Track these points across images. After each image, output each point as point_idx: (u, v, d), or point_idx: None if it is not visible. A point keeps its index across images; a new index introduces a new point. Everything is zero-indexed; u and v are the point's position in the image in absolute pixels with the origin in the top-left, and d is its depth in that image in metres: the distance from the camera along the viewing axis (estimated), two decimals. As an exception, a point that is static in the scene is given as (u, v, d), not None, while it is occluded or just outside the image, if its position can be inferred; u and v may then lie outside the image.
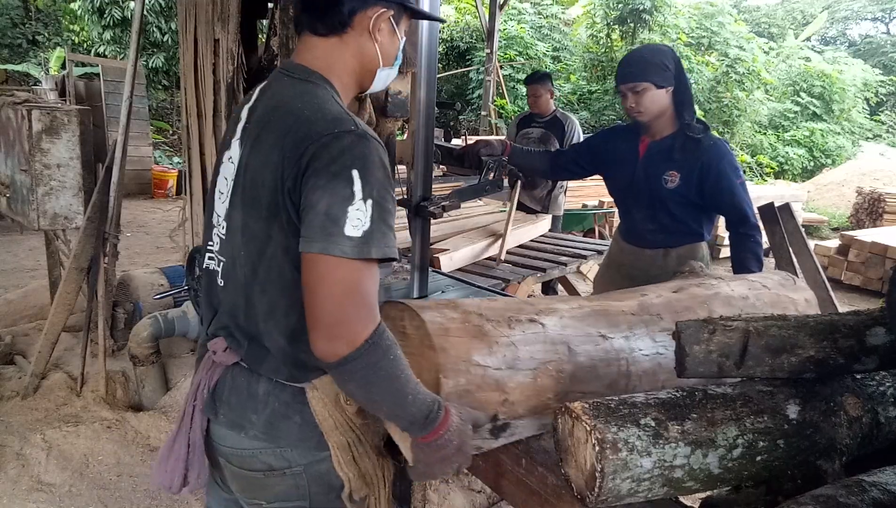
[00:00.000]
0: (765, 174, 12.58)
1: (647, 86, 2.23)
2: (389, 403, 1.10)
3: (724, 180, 2.23)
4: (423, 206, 2.44)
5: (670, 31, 13.90)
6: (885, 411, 1.22)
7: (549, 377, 1.36)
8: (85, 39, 14.94)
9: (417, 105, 2.34)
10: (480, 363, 1.27)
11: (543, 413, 1.36)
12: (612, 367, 1.45)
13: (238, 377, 1.24)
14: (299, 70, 1.22)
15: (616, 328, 1.50)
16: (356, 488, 1.26)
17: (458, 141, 10.99)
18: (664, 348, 1.53)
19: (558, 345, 1.39)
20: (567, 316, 1.47)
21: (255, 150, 1.17)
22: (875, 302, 5.88)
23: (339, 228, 1.03)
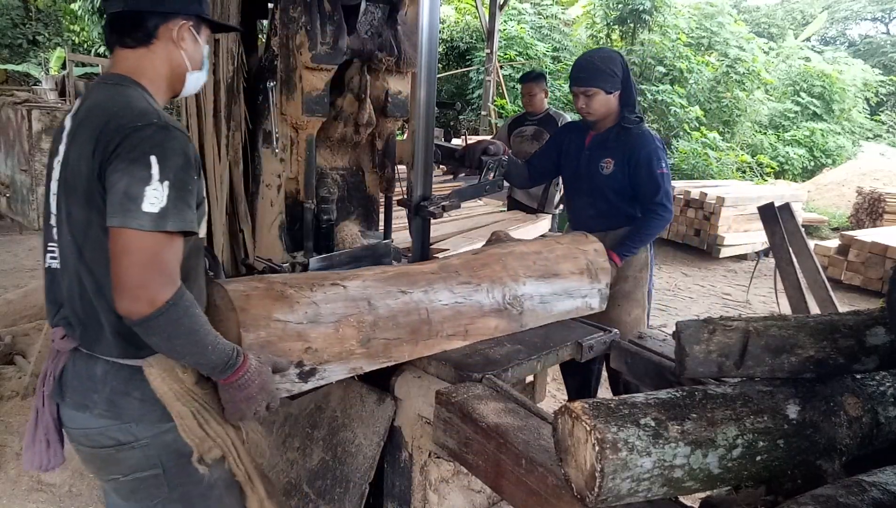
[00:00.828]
0: (765, 174, 12.57)
1: (596, 91, 2.49)
2: (191, 353, 1.28)
3: (644, 166, 2.48)
4: (423, 206, 2.44)
5: (670, 31, 13.88)
6: (885, 411, 1.22)
7: (351, 328, 1.64)
8: (85, 39, 14.94)
9: (417, 105, 2.34)
10: (281, 319, 1.53)
11: (350, 359, 1.66)
12: (412, 316, 1.77)
13: (78, 362, 1.37)
14: (113, 77, 1.38)
15: (415, 284, 1.82)
16: (205, 451, 1.40)
17: (458, 141, 10.98)
18: (463, 297, 1.90)
19: (359, 301, 1.68)
20: (370, 279, 1.76)
21: (72, 146, 1.32)
22: (875, 302, 5.88)
23: (136, 205, 1.19)
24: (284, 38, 2.29)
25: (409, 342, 1.79)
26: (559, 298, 2.16)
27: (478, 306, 1.94)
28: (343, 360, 1.64)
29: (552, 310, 2.15)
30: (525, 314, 2.06)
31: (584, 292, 2.23)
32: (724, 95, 13.87)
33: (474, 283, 1.95)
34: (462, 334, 1.93)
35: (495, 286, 1.99)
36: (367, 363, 1.72)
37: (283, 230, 2.55)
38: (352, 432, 2.13)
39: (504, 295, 2.01)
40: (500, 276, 2.02)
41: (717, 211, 7.22)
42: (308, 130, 2.37)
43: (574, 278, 2.20)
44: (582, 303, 2.23)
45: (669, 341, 2.10)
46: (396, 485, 2.06)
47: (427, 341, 1.83)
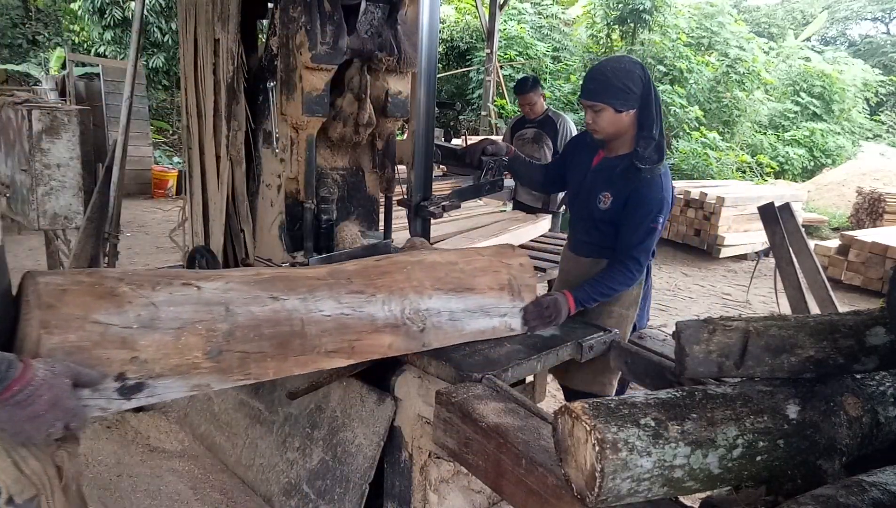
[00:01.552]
0: (765, 174, 12.57)
1: (604, 107, 2.14)
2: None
3: (637, 211, 2.17)
4: (423, 206, 2.44)
5: (670, 31, 13.89)
6: (885, 411, 1.22)
7: (197, 336, 1.39)
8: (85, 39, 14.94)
9: (417, 105, 2.34)
10: (101, 321, 1.29)
11: (192, 373, 1.39)
12: (282, 326, 1.53)
13: None
14: None
15: (293, 290, 1.58)
16: (16, 492, 1.23)
17: (458, 141, 10.98)
18: (351, 308, 1.65)
19: (214, 306, 1.43)
20: (237, 282, 1.53)
21: None
22: (875, 302, 5.88)
23: None
24: (284, 38, 2.29)
25: (275, 358, 1.54)
26: (473, 315, 1.91)
27: (369, 319, 1.70)
28: (183, 374, 1.39)
29: (463, 329, 1.91)
30: (428, 332, 1.82)
31: (503, 311, 1.99)
32: (724, 95, 13.88)
33: (368, 293, 1.72)
34: (347, 350, 1.68)
35: (393, 298, 1.75)
36: (216, 379, 1.46)
37: (283, 230, 2.55)
38: (352, 432, 2.13)
39: (403, 309, 1.77)
40: (402, 287, 1.79)
41: (717, 211, 7.23)
42: (308, 130, 2.37)
43: (492, 295, 1.96)
44: (500, 323, 1.99)
45: (669, 341, 2.10)
46: (396, 485, 2.06)
47: (300, 356, 1.59)
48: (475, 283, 1.94)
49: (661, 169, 2.18)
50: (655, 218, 2.17)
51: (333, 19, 2.26)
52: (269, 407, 2.47)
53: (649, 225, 2.17)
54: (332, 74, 2.35)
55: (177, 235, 3.69)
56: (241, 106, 2.56)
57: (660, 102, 2.21)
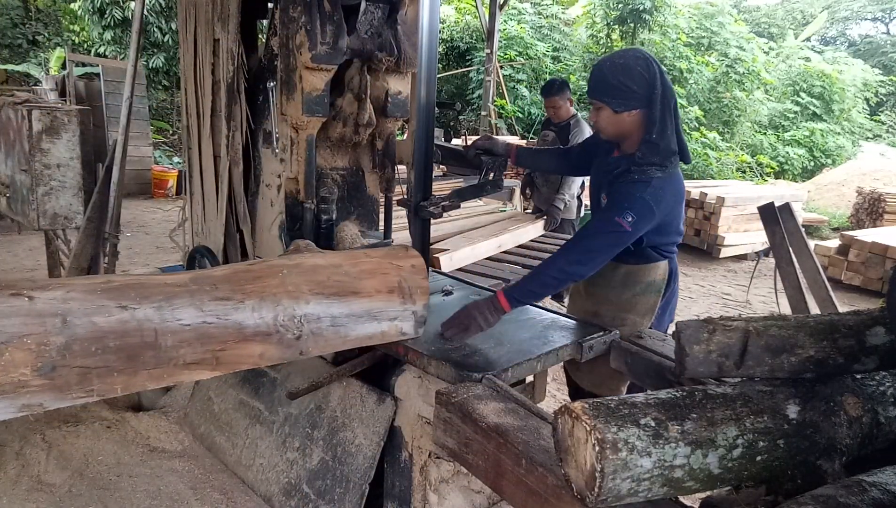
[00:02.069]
0: (765, 174, 12.57)
1: (602, 106, 2.00)
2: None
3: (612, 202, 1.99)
4: (422, 206, 2.44)
5: (670, 31, 13.89)
6: (885, 411, 1.22)
7: (26, 351, 1.30)
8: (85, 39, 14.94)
9: (417, 105, 2.34)
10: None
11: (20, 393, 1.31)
12: (130, 338, 1.43)
13: None
14: None
15: (146, 299, 1.47)
16: None
17: (457, 141, 10.98)
18: (215, 316, 1.55)
19: (48, 317, 1.34)
20: (79, 290, 1.42)
21: None
22: (875, 302, 5.88)
23: None
24: (284, 38, 2.29)
25: (122, 372, 1.44)
26: (358, 320, 1.82)
27: (236, 327, 1.60)
28: (8, 395, 1.28)
29: (348, 334, 1.82)
30: (305, 339, 1.72)
31: (392, 315, 1.89)
32: (724, 95, 13.88)
33: (236, 299, 1.61)
34: (211, 361, 1.58)
35: (265, 304, 1.65)
36: (51, 397, 1.35)
37: (283, 230, 2.55)
38: (352, 432, 2.13)
39: (276, 315, 1.66)
40: (275, 292, 1.68)
41: (717, 211, 7.23)
42: (308, 130, 2.37)
43: (380, 298, 1.86)
44: (390, 326, 1.89)
45: (669, 341, 2.10)
46: (396, 485, 2.06)
47: (153, 370, 1.48)
48: (361, 286, 1.84)
49: (659, 174, 1.95)
50: (623, 214, 1.90)
51: (333, 19, 2.26)
52: (269, 407, 2.48)
53: (613, 218, 1.91)
54: (332, 74, 2.35)
55: (177, 235, 3.69)
56: (240, 106, 2.56)
57: (671, 102, 1.99)
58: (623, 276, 2.20)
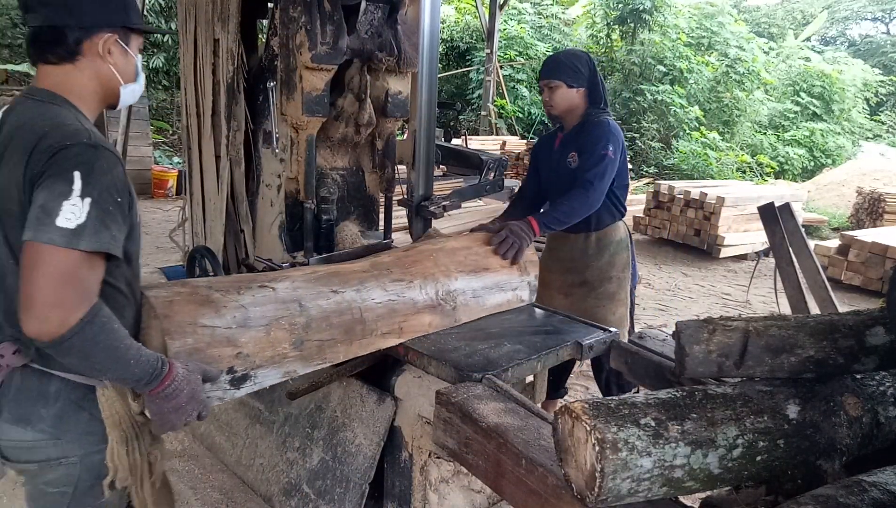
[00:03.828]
0: (765, 174, 12.57)
1: (558, 84, 2.52)
2: (112, 369, 1.23)
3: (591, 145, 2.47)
4: (423, 206, 2.44)
5: (670, 31, 13.89)
6: (885, 411, 1.22)
7: (283, 330, 1.60)
8: (85, 39, 14.90)
9: (418, 105, 2.34)
10: (208, 325, 1.47)
11: (283, 362, 1.61)
12: (345, 316, 1.76)
13: (28, 378, 1.31)
14: (42, 93, 1.30)
15: (347, 284, 1.80)
16: (121, 478, 1.38)
17: (457, 141, 10.98)
18: (396, 295, 1.89)
19: (289, 303, 1.64)
20: (300, 280, 1.74)
21: (2, 168, 1.25)
22: (875, 302, 5.88)
23: (51, 219, 1.13)
24: (284, 38, 2.29)
25: (343, 343, 1.77)
26: (490, 291, 2.18)
27: (411, 303, 1.94)
28: (276, 364, 1.61)
29: (485, 303, 2.16)
30: (458, 310, 2.08)
31: (514, 285, 2.25)
32: (724, 95, 13.88)
33: (407, 280, 1.95)
34: (397, 331, 1.91)
35: (428, 283, 2.00)
36: (301, 365, 1.69)
37: (283, 230, 2.55)
38: (352, 432, 2.13)
39: (437, 291, 2.01)
40: (432, 272, 2.03)
41: (717, 211, 7.22)
42: (308, 130, 2.37)
43: (504, 272, 2.23)
44: (513, 296, 2.25)
45: (669, 341, 2.10)
46: (396, 485, 2.06)
47: (362, 340, 1.82)
48: (489, 263, 2.20)
49: (607, 116, 2.56)
50: (606, 146, 2.44)
51: (333, 19, 2.26)
52: (269, 407, 2.47)
53: (601, 152, 2.43)
54: (332, 74, 2.35)
55: (177, 235, 3.69)
56: (240, 106, 2.56)
57: (604, 84, 2.62)
58: (596, 243, 2.65)
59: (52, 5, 1.27)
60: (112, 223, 1.20)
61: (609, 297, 2.69)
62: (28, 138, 1.21)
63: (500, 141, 10.99)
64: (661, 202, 7.72)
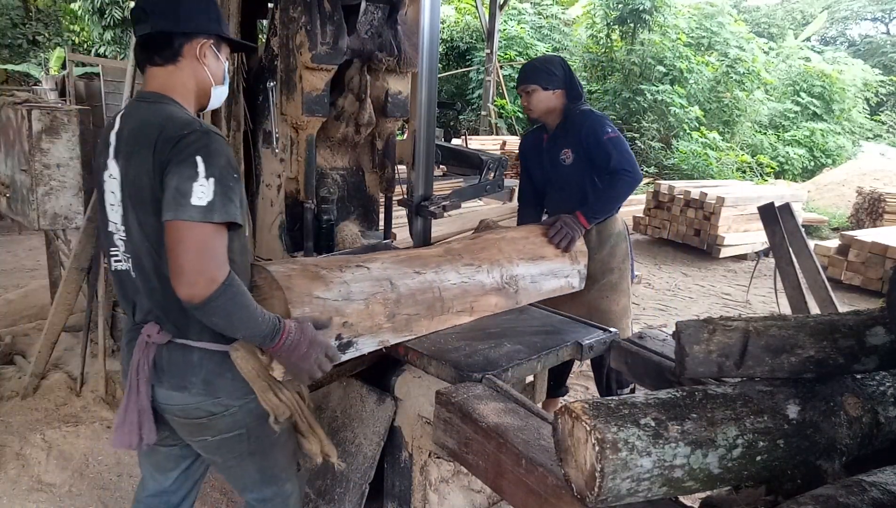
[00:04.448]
0: (765, 174, 12.57)
1: (535, 88, 2.64)
2: (245, 327, 1.43)
3: (591, 137, 2.55)
4: (423, 206, 2.44)
5: (670, 31, 13.88)
6: (885, 411, 1.22)
7: (379, 304, 1.83)
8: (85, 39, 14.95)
9: (418, 105, 2.34)
10: (320, 296, 1.69)
11: (379, 332, 1.84)
12: (427, 293, 1.97)
13: (174, 352, 1.52)
14: (150, 96, 1.54)
15: (427, 266, 2.02)
16: (280, 413, 1.60)
17: (457, 141, 10.98)
18: (467, 277, 2.11)
19: (382, 281, 1.87)
20: (388, 262, 1.96)
21: (131, 164, 1.46)
22: (875, 302, 5.88)
23: (186, 199, 1.34)
24: (284, 38, 2.29)
25: (425, 318, 1.98)
26: (546, 277, 2.37)
27: (480, 285, 2.14)
28: (373, 333, 1.82)
29: (541, 288, 2.36)
30: (520, 293, 2.27)
31: (566, 273, 2.45)
32: (724, 95, 13.88)
33: (476, 265, 2.16)
34: (469, 310, 2.12)
35: (494, 268, 2.20)
36: (392, 336, 1.89)
37: (283, 230, 2.55)
38: (352, 432, 2.13)
39: (502, 275, 2.22)
40: (497, 258, 2.23)
41: (717, 211, 7.22)
42: (308, 130, 2.37)
43: (557, 261, 2.43)
44: (565, 282, 2.45)
45: (669, 341, 2.10)
46: (396, 485, 2.06)
47: (440, 316, 2.02)
48: (544, 252, 2.40)
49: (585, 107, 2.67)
50: (604, 130, 2.54)
51: (333, 19, 2.26)
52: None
53: (604, 138, 2.53)
54: (332, 74, 2.35)
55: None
56: (240, 106, 2.55)
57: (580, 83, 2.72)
58: (596, 235, 2.70)
59: (161, 15, 1.50)
60: (234, 197, 1.41)
61: (612, 288, 2.73)
62: (150, 133, 1.42)
63: (500, 141, 11.00)
64: (661, 202, 7.72)
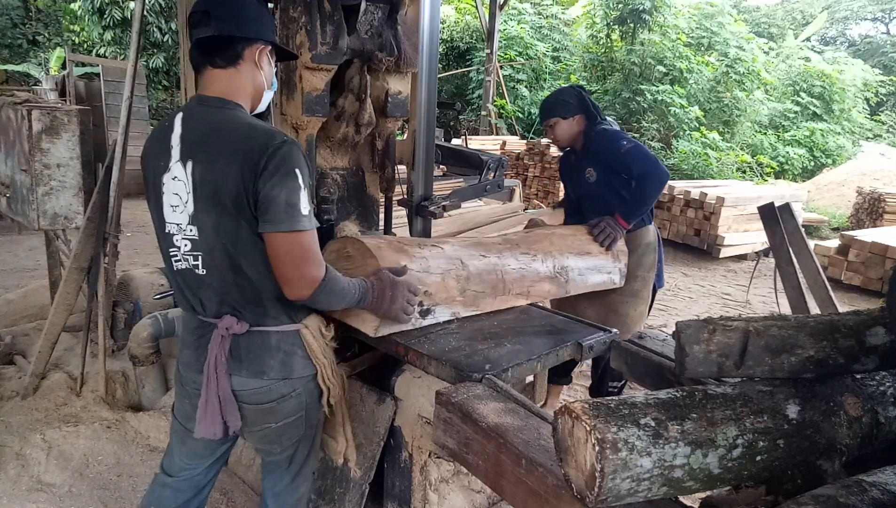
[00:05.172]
0: (765, 174, 12.57)
1: (555, 120, 2.85)
2: (343, 301, 1.67)
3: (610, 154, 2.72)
4: (423, 206, 2.44)
5: (670, 31, 13.89)
6: (885, 411, 1.22)
7: (452, 279, 2.05)
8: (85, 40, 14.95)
9: (418, 105, 2.34)
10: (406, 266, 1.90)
11: (452, 304, 2.06)
12: (491, 275, 2.18)
13: (253, 339, 1.63)
14: (213, 100, 1.59)
15: (490, 251, 2.24)
16: (334, 394, 1.77)
17: (457, 141, 10.98)
18: (524, 265, 2.32)
19: (454, 259, 2.09)
20: (457, 245, 2.19)
21: (208, 167, 1.52)
22: (875, 302, 5.88)
23: (297, 211, 1.49)
24: (284, 38, 2.29)
25: (490, 296, 2.18)
26: (591, 272, 2.59)
27: (536, 272, 2.35)
28: (447, 305, 2.03)
29: (587, 281, 2.57)
30: (569, 283, 2.48)
31: (608, 269, 2.67)
32: (724, 95, 13.87)
33: (531, 254, 2.37)
34: (525, 293, 2.32)
35: (548, 258, 2.42)
36: (463, 309, 2.10)
37: (283, 230, 2.54)
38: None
39: (554, 265, 2.43)
40: (550, 250, 2.46)
41: (717, 211, 7.22)
42: (308, 130, 2.37)
43: (602, 257, 2.64)
44: (607, 278, 2.66)
45: (669, 341, 2.10)
46: (396, 485, 2.06)
47: (502, 296, 2.23)
48: (590, 248, 2.61)
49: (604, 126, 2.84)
50: (619, 143, 2.71)
51: (333, 19, 2.26)
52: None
53: (627, 147, 2.68)
54: (332, 74, 2.35)
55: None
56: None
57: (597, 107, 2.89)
58: (627, 244, 2.79)
59: (227, 19, 1.57)
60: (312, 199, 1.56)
61: (633, 294, 2.87)
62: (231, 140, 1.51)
63: (500, 141, 11.00)
64: (661, 202, 7.73)
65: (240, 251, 1.54)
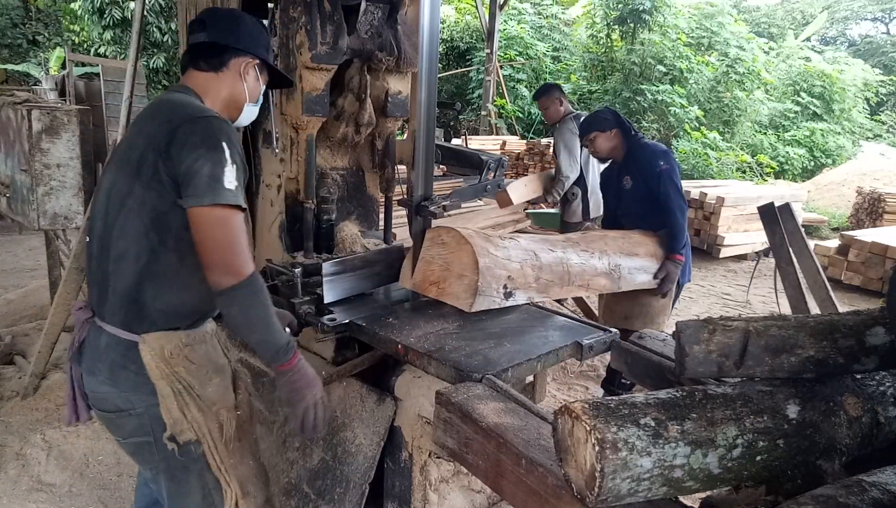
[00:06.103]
0: (765, 174, 12.56)
1: (595, 134, 3.16)
2: (262, 328, 1.44)
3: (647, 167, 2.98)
4: (423, 206, 2.44)
5: (670, 31, 13.88)
6: (885, 411, 1.22)
7: (529, 267, 2.26)
8: (85, 39, 14.94)
9: (418, 105, 2.33)
10: (493, 253, 2.13)
11: (528, 290, 2.25)
12: (559, 267, 2.41)
13: (91, 332, 1.52)
14: (181, 88, 1.61)
15: (556, 247, 2.49)
16: (178, 431, 1.49)
17: (457, 141, 10.98)
18: (584, 260, 2.56)
19: (528, 251, 2.31)
20: (528, 240, 2.42)
21: (133, 130, 1.53)
22: (875, 302, 5.87)
23: (220, 184, 1.38)
24: (284, 38, 2.29)
25: (557, 286, 2.40)
26: (639, 271, 2.83)
27: (594, 268, 2.59)
28: (525, 290, 2.22)
29: (634, 280, 2.81)
30: (622, 279, 2.72)
31: (652, 271, 2.92)
32: (724, 95, 13.86)
33: (590, 251, 2.61)
34: (585, 286, 2.57)
35: (603, 256, 2.67)
36: (536, 295, 2.30)
37: (283, 230, 2.55)
38: (352, 432, 2.13)
39: (609, 263, 2.67)
40: (605, 249, 2.70)
41: (717, 211, 7.22)
42: (308, 130, 2.37)
43: (647, 259, 2.90)
44: (650, 278, 2.91)
45: (669, 341, 2.10)
46: (396, 485, 2.06)
47: (567, 287, 2.47)
48: (637, 250, 2.87)
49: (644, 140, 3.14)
50: (659, 162, 2.94)
51: (333, 19, 2.26)
52: (269, 407, 2.47)
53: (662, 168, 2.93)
54: (332, 73, 2.35)
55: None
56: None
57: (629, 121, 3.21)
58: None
59: (220, 30, 1.61)
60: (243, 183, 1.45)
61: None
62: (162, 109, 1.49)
63: (500, 141, 11.00)
64: (661, 202, 7.71)
65: (122, 217, 1.44)
